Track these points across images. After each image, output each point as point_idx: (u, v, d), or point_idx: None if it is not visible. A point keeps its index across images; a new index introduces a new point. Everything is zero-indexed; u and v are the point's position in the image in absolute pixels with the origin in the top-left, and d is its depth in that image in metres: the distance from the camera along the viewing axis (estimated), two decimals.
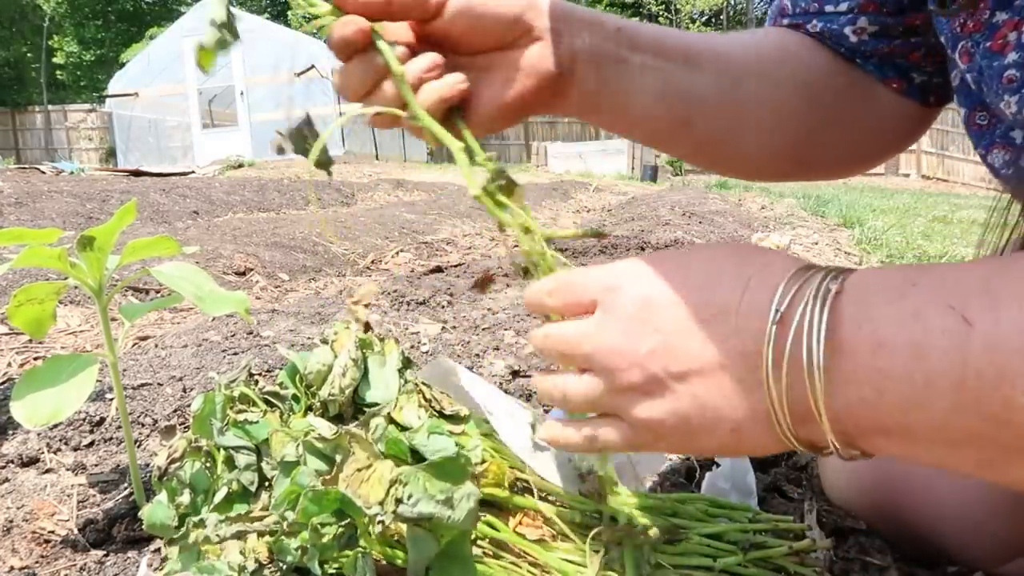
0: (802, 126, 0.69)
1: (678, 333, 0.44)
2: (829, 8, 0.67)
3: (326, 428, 0.67)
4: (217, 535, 0.56)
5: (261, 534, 0.58)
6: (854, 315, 0.39)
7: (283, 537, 0.56)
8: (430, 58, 0.55)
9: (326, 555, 0.56)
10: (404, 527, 0.55)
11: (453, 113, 0.56)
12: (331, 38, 0.54)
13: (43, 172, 7.30)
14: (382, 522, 0.52)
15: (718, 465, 0.78)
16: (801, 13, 0.69)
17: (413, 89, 0.54)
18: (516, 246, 0.52)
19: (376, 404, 0.71)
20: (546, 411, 0.83)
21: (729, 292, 0.43)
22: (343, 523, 0.56)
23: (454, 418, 0.66)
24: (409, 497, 0.52)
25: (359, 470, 0.53)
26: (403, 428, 0.66)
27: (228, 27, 0.54)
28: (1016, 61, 0.51)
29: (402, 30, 0.57)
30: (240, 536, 0.57)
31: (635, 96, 0.63)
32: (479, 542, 0.60)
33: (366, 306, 0.76)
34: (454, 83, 0.55)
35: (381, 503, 0.52)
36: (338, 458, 0.55)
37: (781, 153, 0.70)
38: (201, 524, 0.60)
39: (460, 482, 0.55)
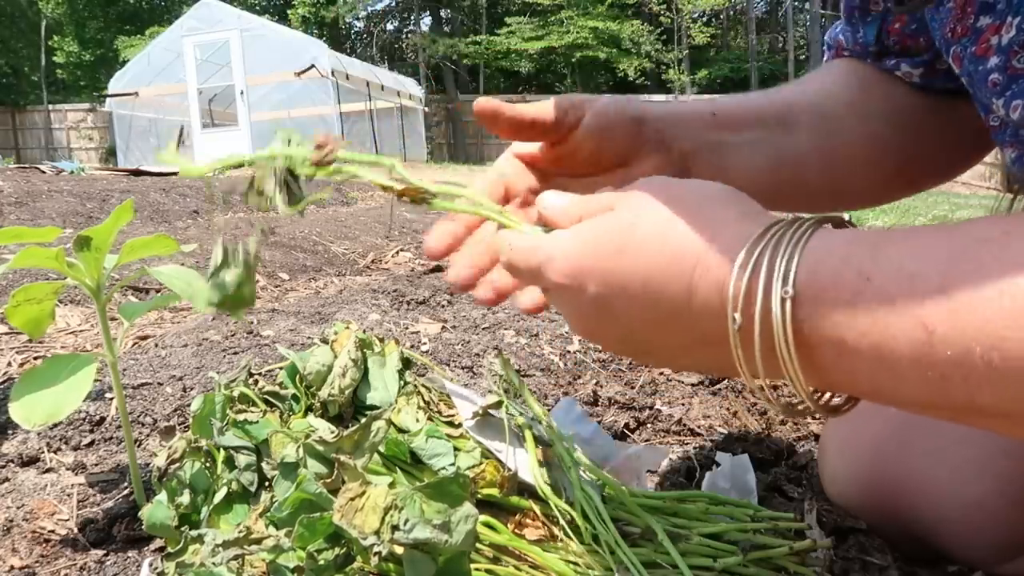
0: (900, 152, 0.71)
1: (640, 330, 0.45)
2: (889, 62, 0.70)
3: (326, 429, 0.67)
4: (213, 562, 0.56)
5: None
6: (811, 319, 0.38)
7: (281, 550, 0.56)
8: None
9: None
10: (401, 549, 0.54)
11: None
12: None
13: (43, 171, 7.28)
14: (378, 553, 0.50)
15: (718, 465, 0.78)
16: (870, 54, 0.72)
17: None
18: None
19: (376, 406, 0.71)
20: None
21: (675, 296, 0.42)
22: (339, 544, 0.55)
23: (453, 421, 0.66)
24: (405, 523, 0.51)
25: (352, 499, 0.52)
26: (402, 431, 0.66)
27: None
28: (998, 65, 0.51)
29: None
30: (238, 559, 0.56)
31: (742, 171, 0.65)
32: (478, 545, 0.60)
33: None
34: None
35: (377, 532, 0.51)
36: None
37: (889, 181, 0.73)
38: (199, 539, 0.59)
39: (458, 503, 0.53)
